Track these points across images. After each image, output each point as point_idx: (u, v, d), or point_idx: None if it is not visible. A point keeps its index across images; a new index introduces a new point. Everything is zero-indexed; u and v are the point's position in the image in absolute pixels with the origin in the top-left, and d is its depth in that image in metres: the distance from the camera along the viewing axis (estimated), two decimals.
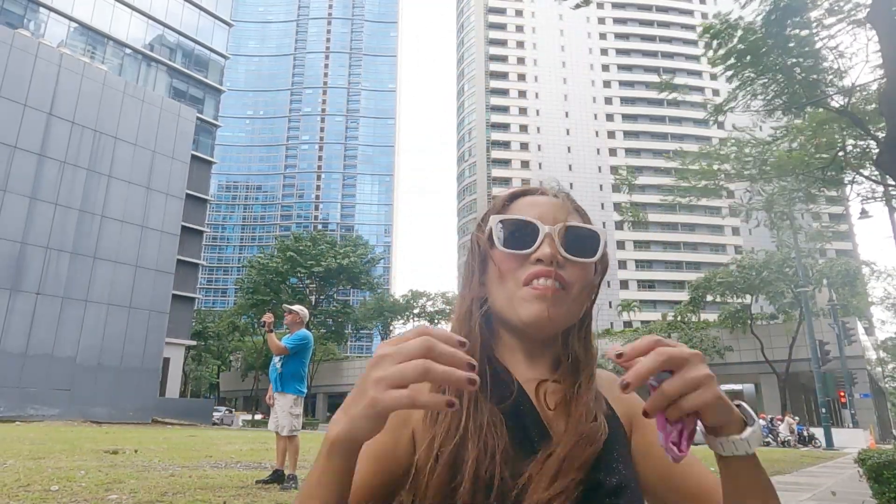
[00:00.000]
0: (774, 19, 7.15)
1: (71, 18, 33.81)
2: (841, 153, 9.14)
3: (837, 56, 7.75)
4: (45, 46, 25.08)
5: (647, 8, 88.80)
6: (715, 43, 8.03)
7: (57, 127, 23.88)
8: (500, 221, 0.82)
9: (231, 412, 42.31)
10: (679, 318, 42.88)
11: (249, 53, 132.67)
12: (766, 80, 8.13)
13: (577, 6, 7.89)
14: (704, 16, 77.53)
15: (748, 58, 7.79)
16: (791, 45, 7.52)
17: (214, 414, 35.50)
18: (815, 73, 7.98)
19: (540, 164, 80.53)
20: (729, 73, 8.27)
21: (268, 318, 6.45)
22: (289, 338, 6.35)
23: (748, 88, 8.35)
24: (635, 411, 0.84)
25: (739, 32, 7.72)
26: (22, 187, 22.51)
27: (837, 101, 8.19)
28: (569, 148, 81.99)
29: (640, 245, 77.94)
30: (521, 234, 0.80)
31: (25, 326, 21.79)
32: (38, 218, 22.76)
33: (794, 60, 7.74)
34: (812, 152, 9.62)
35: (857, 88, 8.05)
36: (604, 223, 75.05)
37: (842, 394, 27.98)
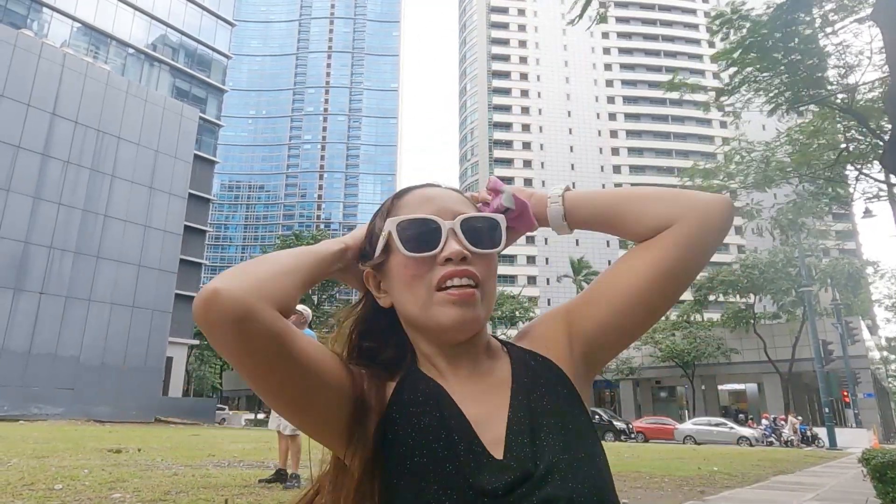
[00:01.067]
0: (781, 15, 7.13)
1: (74, 18, 33.89)
2: (845, 152, 9.10)
3: (841, 52, 7.73)
4: (48, 46, 25.12)
5: (650, 7, 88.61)
6: (724, 30, 8.00)
7: (60, 126, 23.93)
8: (398, 224, 0.77)
9: (224, 410, 42.46)
10: (684, 318, 42.77)
11: (252, 53, 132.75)
12: (769, 75, 8.11)
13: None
14: (707, 14, 77.28)
15: (754, 53, 7.76)
16: (796, 40, 7.49)
17: (218, 413, 35.67)
18: (820, 71, 7.96)
19: (542, 164, 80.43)
20: (733, 69, 8.24)
21: None
22: None
23: (752, 84, 8.33)
24: (559, 321, 0.84)
25: (748, 24, 7.70)
26: (25, 187, 22.56)
27: (841, 99, 8.16)
28: (571, 147, 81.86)
29: None
30: (421, 235, 0.76)
31: (29, 326, 21.85)
32: (41, 217, 22.82)
33: (799, 57, 7.72)
34: (816, 153, 9.58)
35: (861, 86, 8.02)
36: None
37: (845, 393, 27.92)
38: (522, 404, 0.76)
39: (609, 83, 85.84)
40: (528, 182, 77.27)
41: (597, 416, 28.55)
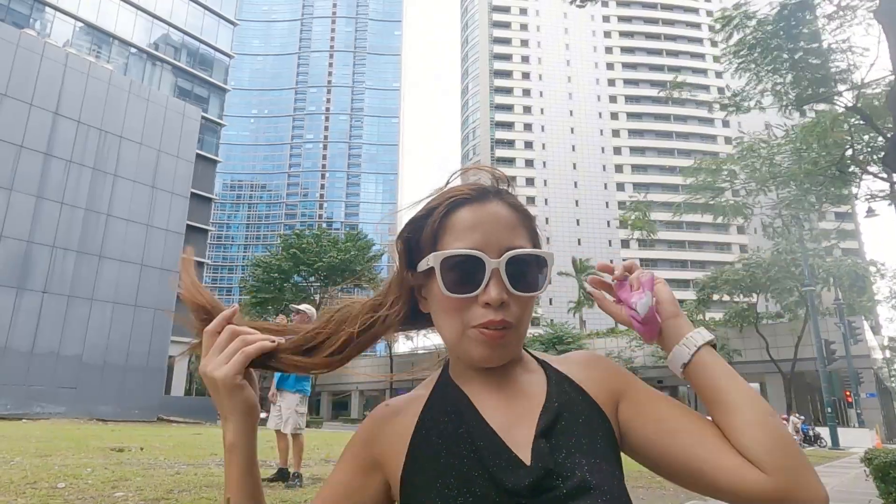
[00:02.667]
0: (786, 14, 7.11)
1: (76, 18, 33.94)
2: (850, 151, 9.07)
3: (846, 51, 7.70)
4: (50, 46, 25.18)
5: (652, 6, 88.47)
6: (728, 29, 7.98)
7: (63, 126, 23.98)
8: (442, 260, 0.75)
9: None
10: (689, 318, 42.67)
11: (254, 52, 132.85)
12: (771, 68, 8.08)
13: (580, 5, 7.86)
14: (710, 14, 77.13)
15: (758, 51, 7.75)
16: (800, 42, 7.48)
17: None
18: (824, 70, 7.93)
19: (544, 163, 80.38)
20: (738, 63, 8.22)
21: (281, 320, 6.46)
22: None
23: (758, 82, 8.30)
24: (617, 383, 0.82)
25: (753, 22, 7.68)
26: (28, 186, 22.62)
27: (847, 98, 8.13)
28: (573, 147, 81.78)
29: (644, 244, 77.74)
30: (464, 274, 0.75)
31: (32, 325, 21.90)
32: (44, 217, 22.87)
33: (802, 55, 7.70)
34: (821, 153, 9.54)
35: (867, 85, 7.99)
36: (608, 222, 74.93)
37: (848, 393, 27.85)
38: (551, 419, 0.76)
39: (611, 82, 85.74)
40: (529, 181, 77.24)
41: None
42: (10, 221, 21.95)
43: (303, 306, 6.62)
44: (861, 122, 8.12)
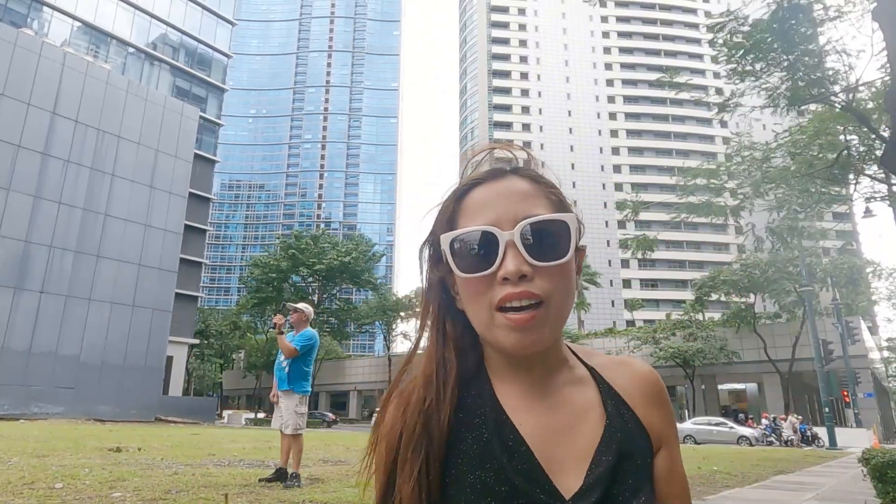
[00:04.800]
0: (781, 16, 7.13)
1: (74, 17, 33.89)
2: (845, 152, 9.09)
3: (840, 51, 7.72)
4: (48, 45, 25.13)
5: (650, 6, 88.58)
6: (723, 33, 7.99)
7: (60, 126, 23.94)
8: (451, 241, 0.71)
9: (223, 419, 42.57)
10: (688, 318, 42.69)
11: (252, 52, 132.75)
12: (765, 66, 8.09)
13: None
14: (708, 14, 77.20)
15: (753, 55, 7.77)
16: (796, 39, 7.49)
17: (226, 412, 35.84)
18: (819, 70, 7.96)
19: (542, 163, 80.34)
20: (734, 65, 8.24)
21: (278, 319, 6.46)
22: (296, 337, 6.35)
23: (752, 83, 8.32)
24: (665, 426, 0.75)
25: (746, 28, 7.70)
26: (26, 186, 22.57)
27: (841, 99, 8.16)
28: (571, 147, 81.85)
29: (648, 249, 77.74)
30: (478, 249, 0.69)
31: (30, 325, 21.87)
32: (41, 217, 22.83)
33: (797, 55, 7.72)
34: (815, 154, 9.57)
35: (862, 86, 8.01)
36: (606, 223, 74.99)
37: (845, 393, 27.92)
38: (612, 462, 0.68)
39: (609, 82, 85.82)
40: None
41: None
42: (7, 221, 21.91)
43: (300, 305, 6.61)
44: (856, 123, 8.15)
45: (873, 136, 8.23)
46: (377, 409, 0.80)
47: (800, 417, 29.74)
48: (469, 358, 0.76)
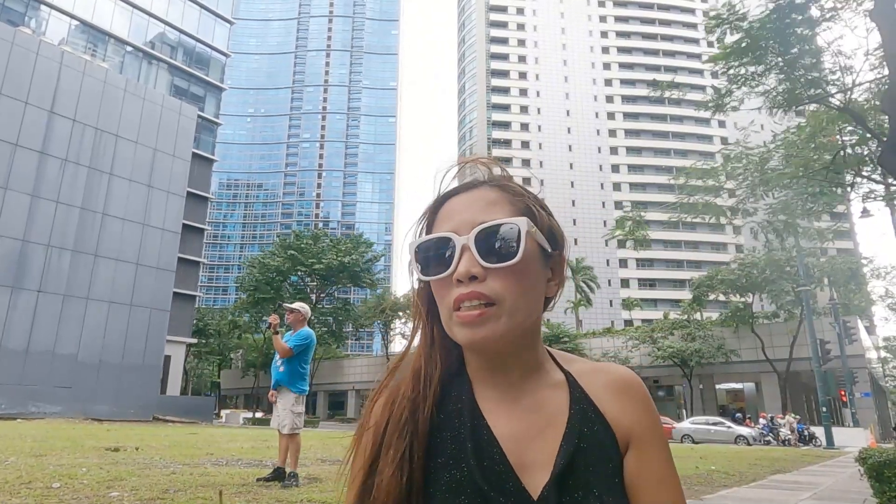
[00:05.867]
0: (777, 16, 7.14)
1: (72, 16, 33.81)
2: (842, 152, 9.10)
3: (836, 53, 7.74)
4: (46, 44, 25.07)
5: (649, 6, 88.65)
6: (720, 30, 7.99)
7: (58, 124, 23.88)
8: (416, 248, 0.76)
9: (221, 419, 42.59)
10: (686, 317, 42.77)
11: (250, 51, 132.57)
12: (763, 68, 8.10)
13: None
14: (706, 14, 77.26)
15: (749, 56, 7.78)
16: (792, 39, 7.50)
17: (224, 412, 35.80)
18: (816, 71, 7.97)
19: (541, 163, 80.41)
20: (731, 65, 8.24)
21: (273, 319, 6.46)
22: (292, 337, 6.34)
23: (748, 83, 8.33)
24: (637, 424, 0.76)
25: (746, 24, 7.71)
26: (23, 185, 22.52)
27: (838, 99, 8.17)
28: (570, 146, 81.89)
29: (640, 244, 77.80)
30: (439, 254, 0.74)
31: (27, 324, 21.82)
32: (39, 215, 22.78)
33: (795, 53, 7.73)
34: (812, 155, 9.57)
35: (858, 86, 8.02)
36: (604, 222, 75.02)
37: (842, 393, 28.01)
38: (570, 452, 0.71)
39: (608, 82, 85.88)
40: (526, 181, 76.62)
41: None
42: (4, 220, 21.85)
43: (296, 304, 6.61)
44: (854, 124, 8.17)
45: (870, 136, 8.24)
46: (363, 405, 0.83)
47: (797, 417, 29.80)
48: (453, 359, 0.80)
